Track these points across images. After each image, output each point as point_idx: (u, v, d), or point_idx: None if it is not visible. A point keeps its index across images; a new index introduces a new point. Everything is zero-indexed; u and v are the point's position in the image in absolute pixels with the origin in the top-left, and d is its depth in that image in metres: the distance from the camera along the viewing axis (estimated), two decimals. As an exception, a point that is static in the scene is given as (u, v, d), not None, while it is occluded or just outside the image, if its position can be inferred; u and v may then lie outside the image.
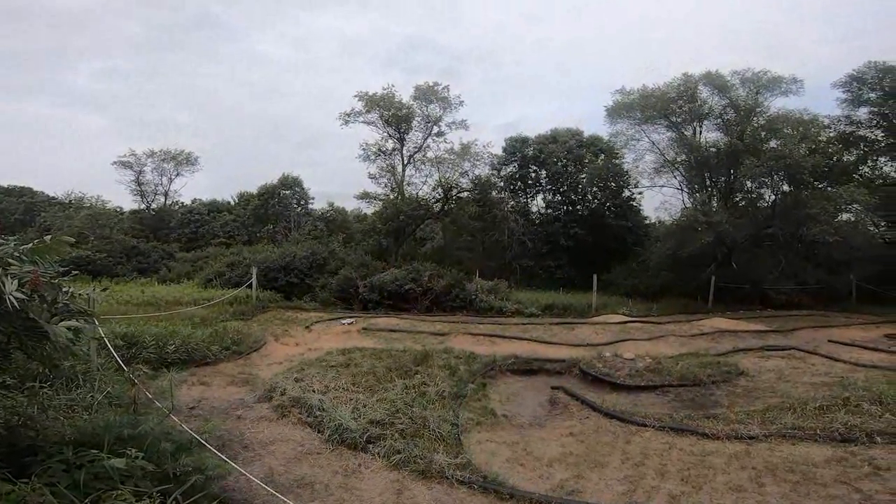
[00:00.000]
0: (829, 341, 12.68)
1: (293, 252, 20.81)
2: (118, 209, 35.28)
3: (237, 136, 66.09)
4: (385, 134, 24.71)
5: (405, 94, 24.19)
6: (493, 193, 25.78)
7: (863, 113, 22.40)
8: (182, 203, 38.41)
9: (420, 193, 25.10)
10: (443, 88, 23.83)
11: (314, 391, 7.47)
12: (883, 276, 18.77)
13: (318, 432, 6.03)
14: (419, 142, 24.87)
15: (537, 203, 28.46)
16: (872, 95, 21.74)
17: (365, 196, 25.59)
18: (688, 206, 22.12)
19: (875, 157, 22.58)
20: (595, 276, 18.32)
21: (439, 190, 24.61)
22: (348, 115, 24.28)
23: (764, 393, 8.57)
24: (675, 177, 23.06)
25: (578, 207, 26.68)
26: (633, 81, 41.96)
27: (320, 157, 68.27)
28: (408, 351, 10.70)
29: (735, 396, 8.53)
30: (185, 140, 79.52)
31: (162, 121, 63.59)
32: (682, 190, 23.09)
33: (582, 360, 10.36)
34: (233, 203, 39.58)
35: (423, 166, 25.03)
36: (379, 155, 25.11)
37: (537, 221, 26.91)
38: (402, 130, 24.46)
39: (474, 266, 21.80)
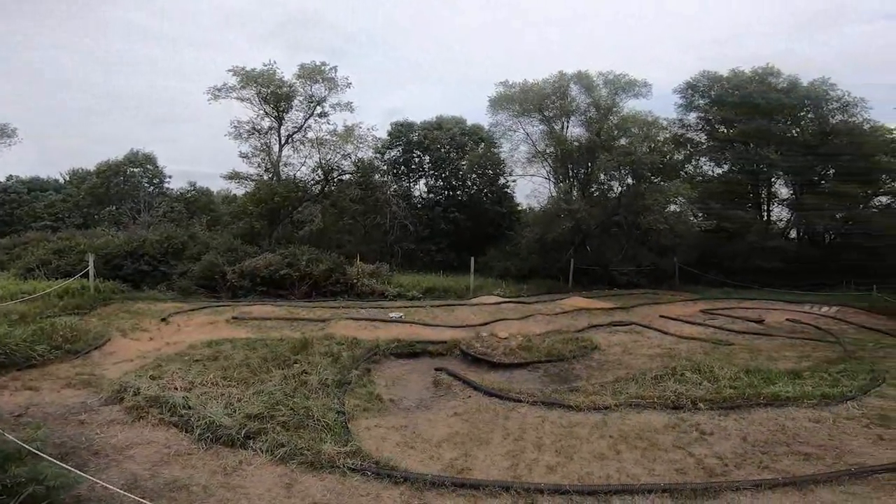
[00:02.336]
0: (661, 316, 15.03)
1: (142, 236, 18.58)
2: None
3: (76, 110, 55.50)
4: (261, 112, 22.66)
5: (288, 73, 22.50)
6: (377, 177, 25.40)
7: (692, 117, 26.44)
8: (-9, 180, 31.36)
9: (298, 175, 23.67)
10: (330, 69, 22.54)
11: (176, 388, 6.82)
12: (699, 260, 22.79)
13: (186, 432, 5.54)
14: (300, 121, 23.29)
15: (419, 188, 28.89)
16: (702, 102, 25.73)
17: (235, 176, 23.19)
18: (553, 194, 24.23)
19: (698, 158, 26.93)
20: (473, 259, 19.23)
21: (319, 172, 23.47)
22: (218, 89, 21.75)
23: (613, 366, 9.89)
24: (544, 167, 24.97)
25: (458, 193, 27.63)
26: (516, 75, 44.23)
27: (184, 134, 60.75)
28: (285, 339, 10.22)
29: (592, 370, 9.71)
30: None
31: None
32: (549, 180, 25.16)
33: (462, 341, 10.86)
34: (62, 181, 33.45)
35: (302, 147, 23.49)
36: (253, 133, 22.92)
37: (419, 206, 27.31)
38: (281, 109, 22.65)
39: (355, 250, 21.40)
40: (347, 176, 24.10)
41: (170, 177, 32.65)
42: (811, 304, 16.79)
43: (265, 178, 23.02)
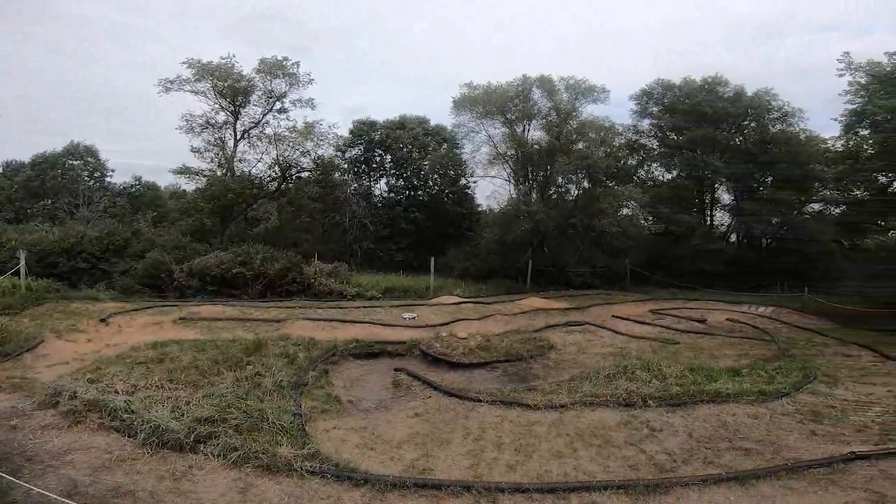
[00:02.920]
0: (613, 316, 15.54)
1: (80, 232, 17.53)
2: None
3: (16, 98, 51.02)
4: (217, 106, 21.77)
5: (247, 67, 21.73)
6: (336, 175, 24.93)
7: (646, 124, 27.49)
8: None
9: (254, 171, 22.88)
10: (292, 64, 21.97)
11: (118, 392, 6.46)
12: (648, 262, 23.78)
13: (130, 437, 5.27)
14: (257, 117, 22.55)
15: (380, 187, 28.64)
16: (655, 109, 26.77)
17: (185, 171, 22.08)
18: (513, 196, 24.58)
19: (650, 163, 28.11)
20: (433, 260, 19.22)
21: (276, 168, 22.77)
22: (171, 81, 20.73)
23: (569, 365, 10.14)
24: (504, 169, 25.24)
25: (419, 193, 27.59)
26: (480, 77, 44.13)
27: (134, 128, 57.53)
28: (237, 340, 9.87)
29: (548, 369, 9.91)
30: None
31: None
32: (509, 181, 25.43)
33: (421, 341, 10.82)
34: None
35: (259, 143, 22.76)
36: (206, 127, 21.94)
37: (379, 205, 27.05)
38: (237, 103, 21.83)
39: (313, 249, 20.92)
40: (306, 173, 23.54)
41: (112, 171, 30.89)
42: (749, 305, 17.84)
43: (218, 173, 22.10)
